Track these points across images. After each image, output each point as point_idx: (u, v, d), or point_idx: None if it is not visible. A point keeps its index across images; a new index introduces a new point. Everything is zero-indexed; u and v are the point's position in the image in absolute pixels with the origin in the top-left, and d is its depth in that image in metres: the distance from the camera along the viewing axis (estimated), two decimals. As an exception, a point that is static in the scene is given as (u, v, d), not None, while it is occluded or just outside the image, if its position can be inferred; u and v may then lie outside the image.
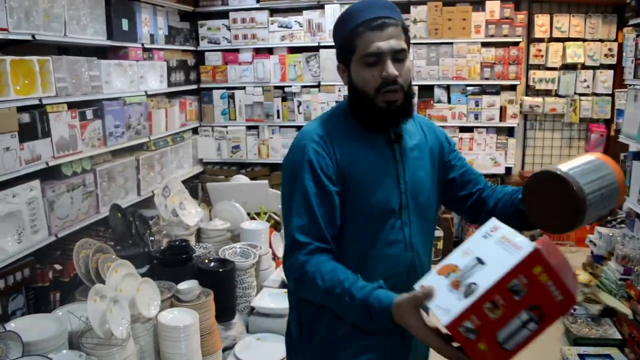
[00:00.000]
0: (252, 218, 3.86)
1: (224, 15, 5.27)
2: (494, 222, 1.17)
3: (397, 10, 1.42)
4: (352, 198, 1.40)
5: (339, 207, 1.39)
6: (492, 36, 4.95)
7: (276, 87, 5.28)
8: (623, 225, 4.01)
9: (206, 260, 3.04)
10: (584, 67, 5.13)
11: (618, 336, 3.27)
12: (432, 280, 1.14)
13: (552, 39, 5.12)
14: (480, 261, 1.09)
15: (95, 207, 3.55)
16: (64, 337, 2.26)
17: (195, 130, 5.40)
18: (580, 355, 3.12)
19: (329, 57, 5.04)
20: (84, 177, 3.43)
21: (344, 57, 1.44)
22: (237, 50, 5.32)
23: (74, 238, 3.35)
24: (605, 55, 5.09)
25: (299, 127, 4.76)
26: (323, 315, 1.43)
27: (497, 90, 5.06)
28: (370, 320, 1.22)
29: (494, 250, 1.09)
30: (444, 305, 1.07)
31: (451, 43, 4.99)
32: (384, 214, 1.42)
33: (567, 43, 5.07)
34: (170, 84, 4.71)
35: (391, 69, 1.35)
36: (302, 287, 1.36)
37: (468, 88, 5.09)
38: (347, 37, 1.40)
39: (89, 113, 3.48)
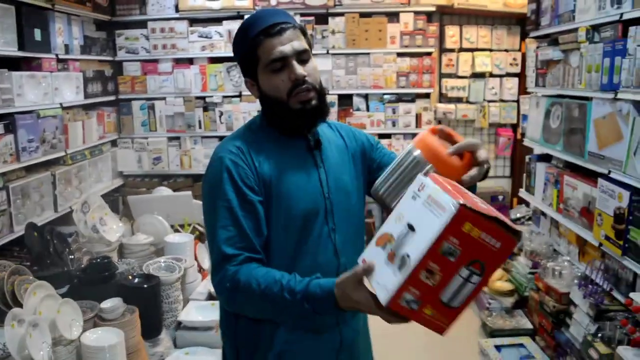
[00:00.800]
0: (177, 230, 3.81)
1: (142, 24, 5.18)
2: (420, 179, 1.12)
3: (290, 16, 1.45)
4: (276, 207, 1.39)
5: (264, 217, 1.38)
6: (406, 46, 5.17)
7: (197, 98, 5.25)
8: (530, 223, 4.30)
9: (130, 277, 2.97)
10: (492, 75, 5.48)
11: (530, 326, 3.52)
12: (371, 253, 1.14)
13: (462, 49, 5.42)
14: (411, 228, 1.06)
15: (9, 226, 3.38)
16: (-21, 365, 2.15)
17: (114, 143, 5.25)
18: (496, 347, 3.33)
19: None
20: (-5, 195, 3.27)
21: (249, 71, 1.45)
22: (156, 61, 5.23)
23: (-14, 260, 3.19)
24: (511, 64, 5.45)
25: (221, 137, 4.75)
26: (260, 337, 1.43)
27: (412, 98, 5.28)
28: (313, 311, 1.21)
29: (423, 213, 1.04)
30: (382, 281, 1.06)
31: (368, 53, 5.17)
32: (309, 222, 1.42)
33: (475, 53, 5.39)
34: (87, 96, 4.56)
35: (299, 69, 1.37)
36: (235, 298, 1.32)
37: (385, 96, 5.29)
38: (247, 49, 1.41)
39: (-1, 128, 3.33)
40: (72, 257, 3.12)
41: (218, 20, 5.14)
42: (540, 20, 3.87)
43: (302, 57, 1.39)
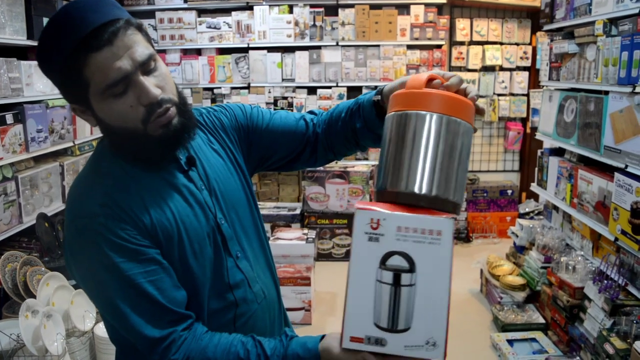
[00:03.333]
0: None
1: (150, 14, 5.14)
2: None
3: (114, 5, 1.05)
4: (168, 258, 1.10)
5: (168, 268, 1.09)
6: (416, 39, 5.13)
7: (205, 89, 5.21)
8: (542, 217, 4.27)
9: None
10: (502, 69, 5.43)
11: (542, 320, 3.50)
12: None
13: (472, 42, 5.38)
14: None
15: (18, 217, 3.36)
16: (-7, 356, 2.14)
17: (121, 134, 5.22)
18: (508, 341, 3.31)
19: (258, 59, 5.03)
20: (5, 185, 3.24)
21: (76, 97, 1.06)
22: (164, 51, 5.19)
23: (-5, 250, 3.17)
24: (521, 57, 5.40)
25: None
26: None
27: (422, 91, 5.23)
28: None
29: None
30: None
31: (378, 45, 5.13)
32: (213, 259, 1.16)
33: (486, 46, 5.35)
34: (94, 86, 4.52)
35: (150, 89, 1.03)
36: None
37: (395, 89, 5.24)
38: (66, 70, 1.01)
39: (9, 117, 3.29)
40: (83, 248, 3.10)
41: (227, 11, 5.09)
42: (554, 13, 3.82)
43: (148, 67, 1.04)
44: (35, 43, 3.60)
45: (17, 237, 3.37)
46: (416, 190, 0.98)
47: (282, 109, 4.82)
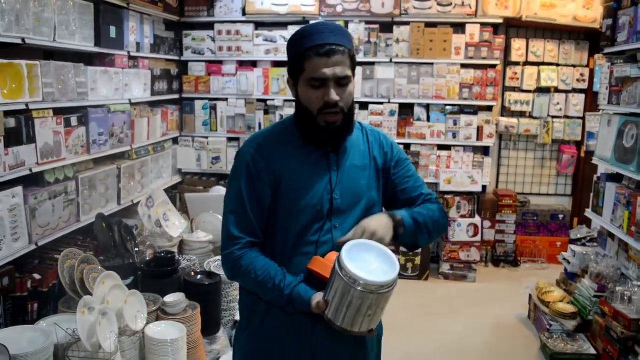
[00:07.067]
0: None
1: (209, 26, 5.28)
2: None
3: (347, 36, 1.55)
4: (284, 200, 1.57)
5: (271, 208, 1.58)
6: (471, 58, 5.09)
7: (259, 100, 5.30)
8: (595, 244, 4.14)
9: (192, 273, 3.02)
10: (557, 90, 5.32)
11: (593, 351, 3.38)
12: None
13: (527, 63, 5.30)
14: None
15: (76, 215, 3.48)
16: (50, 350, 2.21)
17: (175, 140, 5.36)
18: (556, 371, 3.21)
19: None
20: (66, 184, 3.37)
21: (293, 74, 1.57)
22: (220, 62, 5.32)
23: (53, 247, 3.29)
24: (578, 80, 5.28)
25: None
26: (257, 305, 1.63)
27: (474, 110, 5.18)
28: (293, 309, 1.52)
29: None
30: None
31: (432, 63, 5.11)
32: (311, 217, 1.58)
33: (541, 67, 5.26)
34: (153, 93, 4.67)
35: (333, 95, 1.50)
36: (235, 277, 1.61)
37: (447, 107, 5.21)
38: (297, 58, 1.53)
39: (73, 120, 3.43)
40: (137, 249, 3.19)
41: (284, 25, 5.18)
42: (616, 36, 3.73)
43: (342, 82, 1.51)
44: (102, 50, 3.76)
45: (73, 235, 3.49)
46: None
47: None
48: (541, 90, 5.33)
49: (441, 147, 5.24)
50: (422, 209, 1.66)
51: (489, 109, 5.25)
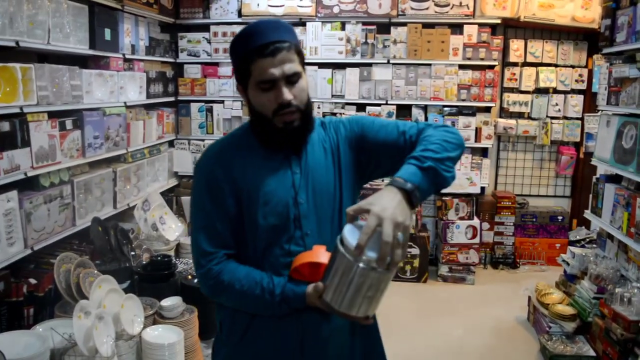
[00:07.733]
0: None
1: (204, 28, 5.25)
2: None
3: (290, 30, 1.47)
4: (248, 210, 1.48)
5: (235, 217, 1.48)
6: (469, 59, 5.07)
7: (256, 102, 5.26)
8: (594, 245, 4.12)
9: (189, 276, 3.00)
10: (556, 91, 5.31)
11: (592, 353, 3.36)
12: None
13: (525, 64, 5.29)
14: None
15: (72, 219, 3.45)
16: (46, 355, 2.18)
17: (171, 143, 5.33)
18: (556, 373, 3.19)
19: (309, 74, 5.06)
20: (62, 188, 3.34)
21: (241, 80, 1.49)
22: (216, 64, 5.30)
23: (48, 251, 3.26)
24: (576, 80, 5.27)
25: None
26: (237, 317, 1.53)
27: (473, 111, 5.17)
28: (288, 308, 1.43)
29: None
30: None
31: (429, 64, 5.09)
32: (279, 225, 1.48)
33: (540, 68, 5.25)
34: (149, 96, 4.64)
35: (286, 94, 1.41)
36: (219, 294, 1.49)
37: (445, 108, 5.19)
38: (241, 62, 1.44)
39: (68, 123, 3.40)
40: (134, 253, 3.16)
41: (280, 26, 5.15)
42: (615, 36, 3.72)
43: (292, 79, 1.43)
44: (96, 53, 3.73)
45: (69, 239, 3.46)
46: None
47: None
48: (539, 91, 5.32)
49: (439, 149, 5.20)
50: (422, 146, 1.41)
51: (487, 110, 5.23)
